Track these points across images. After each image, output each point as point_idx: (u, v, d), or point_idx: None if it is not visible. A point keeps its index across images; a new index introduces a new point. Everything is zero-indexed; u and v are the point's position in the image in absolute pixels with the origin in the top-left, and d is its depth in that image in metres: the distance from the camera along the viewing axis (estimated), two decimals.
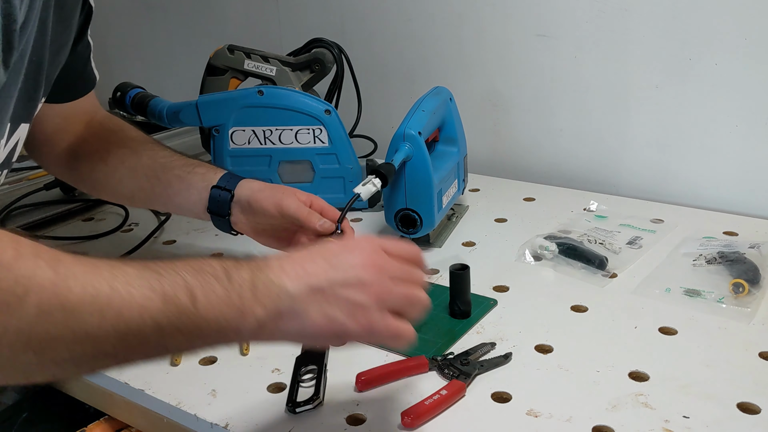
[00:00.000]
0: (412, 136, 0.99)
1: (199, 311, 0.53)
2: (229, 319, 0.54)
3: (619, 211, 1.16)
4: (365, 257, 0.61)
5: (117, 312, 0.49)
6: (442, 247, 1.08)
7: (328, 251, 0.61)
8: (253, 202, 0.88)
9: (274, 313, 0.56)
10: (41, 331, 0.47)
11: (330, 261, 0.59)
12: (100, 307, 0.49)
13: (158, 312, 0.51)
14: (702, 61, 1.14)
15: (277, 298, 0.56)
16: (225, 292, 0.54)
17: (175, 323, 0.52)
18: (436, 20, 1.40)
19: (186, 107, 1.17)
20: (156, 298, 0.51)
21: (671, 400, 0.71)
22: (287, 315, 0.57)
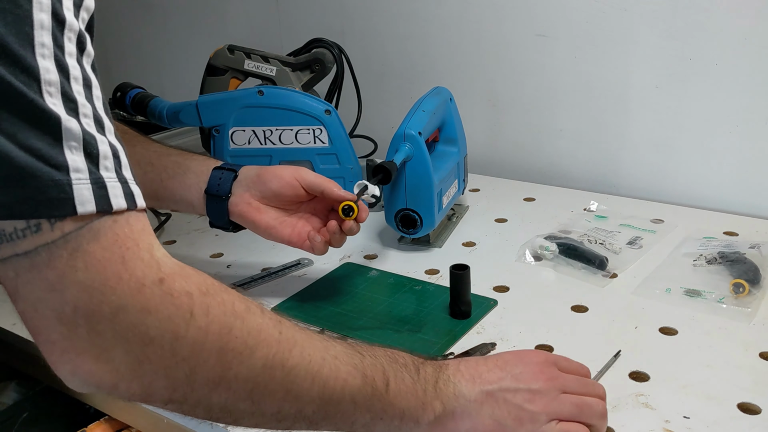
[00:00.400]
0: (412, 136, 0.99)
1: (389, 397, 0.57)
2: (412, 408, 0.59)
3: (620, 211, 1.16)
4: (537, 369, 0.64)
5: (324, 381, 0.54)
6: (442, 247, 1.08)
7: (502, 359, 0.65)
8: (265, 173, 0.87)
9: (450, 411, 0.60)
10: (262, 384, 0.52)
11: (504, 368, 0.63)
12: (312, 374, 0.53)
13: (357, 389, 0.56)
14: (702, 61, 1.14)
15: (454, 397, 0.61)
16: (413, 384, 0.59)
17: (367, 403, 0.56)
18: (436, 20, 1.40)
19: (186, 107, 1.17)
20: (358, 376, 0.56)
21: (672, 401, 0.71)
22: (460, 415, 0.61)
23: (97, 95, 0.48)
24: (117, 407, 0.81)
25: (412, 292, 0.95)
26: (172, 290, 0.48)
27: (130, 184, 0.48)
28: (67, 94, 0.46)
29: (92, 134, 0.46)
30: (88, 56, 0.49)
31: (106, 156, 0.47)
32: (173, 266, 0.49)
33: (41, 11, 0.46)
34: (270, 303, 0.92)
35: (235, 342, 0.50)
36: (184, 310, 0.48)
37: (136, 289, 0.47)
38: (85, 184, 0.45)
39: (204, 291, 0.50)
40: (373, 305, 0.92)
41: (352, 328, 0.87)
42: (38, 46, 0.45)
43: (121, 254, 0.46)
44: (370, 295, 0.95)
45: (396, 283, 0.97)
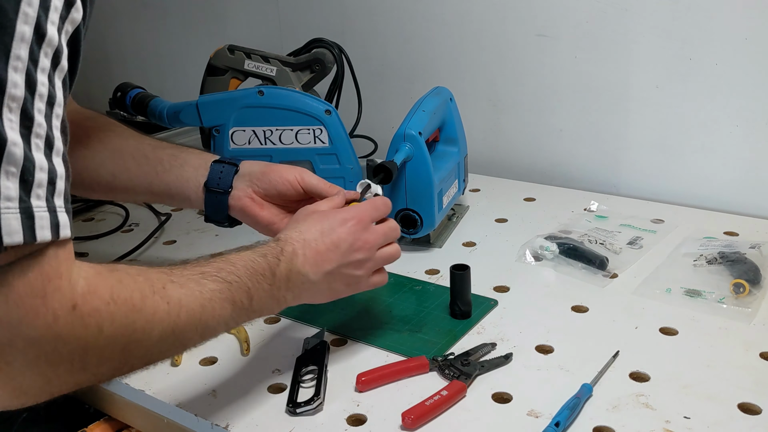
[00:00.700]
0: (412, 136, 0.99)
1: (253, 307, 0.67)
2: (270, 308, 0.71)
3: (620, 211, 1.16)
4: (360, 240, 0.76)
5: (205, 324, 0.62)
6: (442, 248, 1.08)
7: (336, 236, 0.75)
8: (271, 172, 0.87)
9: (297, 296, 0.73)
10: (157, 352, 0.60)
11: (338, 247, 0.74)
12: (195, 324, 0.61)
13: (228, 315, 0.65)
14: (702, 61, 1.14)
15: (302, 285, 0.72)
16: (270, 288, 0.69)
17: (236, 318, 0.66)
18: (436, 20, 1.40)
19: (186, 107, 1.17)
20: (228, 306, 0.64)
21: (672, 401, 0.71)
22: (306, 295, 0.74)
23: (57, 113, 0.50)
24: (117, 407, 0.81)
25: (413, 292, 0.95)
26: (83, 314, 0.51)
27: (59, 212, 0.49)
28: (26, 112, 0.47)
29: (34, 159, 0.47)
30: (60, 71, 0.50)
31: (40, 184, 0.48)
32: (85, 284, 0.52)
33: (25, 23, 0.46)
34: None
35: (136, 334, 0.55)
36: (92, 328, 0.52)
37: (52, 321, 0.49)
38: (14, 213, 0.46)
39: (109, 298, 0.53)
40: (373, 305, 0.92)
41: (352, 328, 0.87)
42: (13, 58, 0.46)
43: (43, 288, 0.49)
44: (370, 295, 0.95)
45: (396, 283, 0.97)
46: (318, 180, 0.87)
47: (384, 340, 0.84)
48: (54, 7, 0.49)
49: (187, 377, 0.79)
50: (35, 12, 0.47)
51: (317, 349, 0.81)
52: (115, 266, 0.57)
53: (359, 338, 0.85)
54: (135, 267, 0.59)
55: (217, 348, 0.85)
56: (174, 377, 0.80)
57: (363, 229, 0.77)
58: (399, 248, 0.81)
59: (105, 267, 0.55)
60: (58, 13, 0.49)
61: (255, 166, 0.89)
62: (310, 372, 0.78)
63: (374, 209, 0.80)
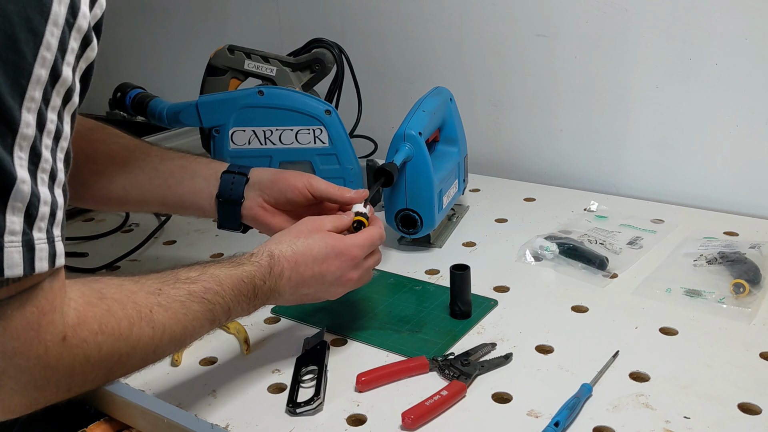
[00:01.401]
0: (412, 136, 0.99)
1: (227, 321, 0.71)
2: (239, 317, 0.73)
3: (620, 211, 1.16)
4: (347, 274, 0.78)
5: (185, 342, 0.66)
6: (442, 248, 1.08)
7: (326, 266, 0.77)
8: (280, 180, 0.88)
9: (267, 305, 0.75)
10: (137, 368, 0.63)
11: (324, 278, 0.77)
12: (176, 344, 0.65)
13: (206, 332, 0.68)
14: (702, 61, 1.14)
15: (276, 299, 0.75)
16: (248, 306, 0.72)
17: (209, 332, 0.69)
18: (436, 20, 1.40)
19: (186, 108, 1.17)
20: (207, 325, 0.68)
21: (672, 401, 0.71)
22: (274, 304, 0.79)
23: (62, 146, 0.52)
24: (117, 408, 0.81)
25: (413, 292, 0.95)
26: (72, 345, 0.54)
27: (56, 242, 0.52)
28: (35, 149, 0.49)
29: (39, 193, 0.50)
30: (71, 107, 0.53)
31: (43, 217, 0.50)
32: (75, 315, 0.54)
33: (42, 67, 0.48)
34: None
35: (120, 359, 0.59)
36: (80, 358, 0.55)
37: (43, 352, 0.52)
38: (16, 246, 0.49)
39: (97, 329, 0.56)
40: (374, 305, 0.92)
41: (352, 327, 0.87)
42: (27, 100, 0.48)
43: (38, 322, 0.52)
44: (370, 295, 0.95)
45: (396, 283, 0.97)
46: (326, 185, 0.87)
47: (384, 340, 0.84)
48: (71, 49, 0.51)
49: (187, 377, 0.79)
50: (53, 56, 0.49)
51: (317, 349, 0.81)
52: (104, 293, 0.58)
53: (359, 338, 0.85)
54: (126, 287, 0.61)
55: (217, 348, 0.85)
56: (174, 377, 0.80)
57: (353, 267, 0.79)
58: (371, 276, 0.84)
59: (94, 294, 0.58)
60: (74, 54, 0.51)
61: (264, 174, 0.90)
62: (310, 372, 0.78)
63: (371, 246, 0.81)
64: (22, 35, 0.47)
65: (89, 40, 0.53)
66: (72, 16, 0.50)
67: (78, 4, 0.50)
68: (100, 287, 0.59)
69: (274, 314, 0.91)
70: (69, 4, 0.50)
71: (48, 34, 0.48)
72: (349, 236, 0.79)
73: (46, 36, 0.48)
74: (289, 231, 0.78)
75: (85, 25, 0.51)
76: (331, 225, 0.80)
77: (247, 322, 0.88)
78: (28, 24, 0.47)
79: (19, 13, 0.47)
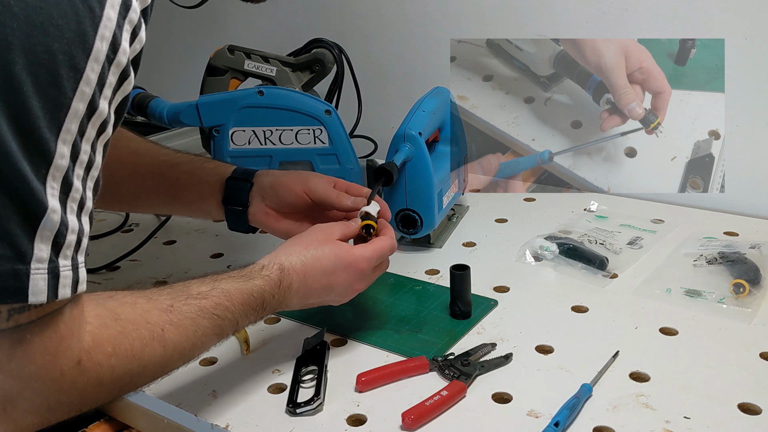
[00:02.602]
0: (412, 136, 0.99)
1: (234, 333, 0.72)
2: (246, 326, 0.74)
3: (620, 211, 1.16)
4: (354, 286, 0.79)
5: (192, 356, 0.67)
6: (442, 248, 1.08)
7: (334, 278, 0.77)
8: (279, 186, 0.88)
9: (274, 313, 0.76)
10: (145, 384, 0.64)
11: (332, 289, 0.78)
12: (186, 359, 0.66)
13: (213, 344, 0.69)
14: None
15: (282, 309, 0.76)
16: (255, 318, 0.72)
17: (217, 344, 0.70)
18: (436, 20, 1.39)
19: (186, 108, 1.17)
20: (215, 339, 0.68)
21: (672, 401, 0.71)
22: (280, 311, 0.78)
23: (92, 175, 0.54)
24: (117, 408, 0.81)
25: (413, 292, 0.95)
26: (86, 369, 0.55)
27: (80, 268, 0.53)
28: (67, 179, 0.51)
29: (68, 222, 0.51)
30: (105, 137, 0.54)
31: (70, 245, 0.52)
32: (90, 339, 0.55)
33: (80, 101, 0.50)
34: None
35: (132, 379, 0.60)
36: (93, 381, 0.56)
37: (59, 376, 0.53)
38: (42, 274, 0.50)
39: (111, 351, 0.57)
40: (374, 305, 0.92)
41: (352, 328, 0.87)
42: (64, 132, 0.49)
43: (56, 348, 0.53)
44: (370, 295, 0.94)
45: (396, 284, 0.97)
46: (324, 190, 0.87)
47: (384, 340, 0.84)
48: (109, 83, 0.52)
49: (187, 377, 0.79)
50: (91, 90, 0.50)
51: (317, 349, 0.81)
52: (118, 313, 0.59)
53: (359, 338, 0.85)
54: (139, 306, 0.62)
55: (217, 348, 0.84)
56: (174, 377, 0.79)
57: (360, 279, 0.79)
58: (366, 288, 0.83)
59: (109, 315, 0.58)
60: (111, 88, 0.52)
61: (266, 179, 0.90)
62: (310, 372, 0.78)
63: (380, 257, 0.80)
64: (64, 72, 0.48)
65: (127, 74, 0.54)
66: (113, 52, 0.51)
67: (119, 40, 0.52)
68: (114, 306, 0.60)
69: (274, 314, 0.91)
70: (111, 41, 0.51)
71: (89, 70, 0.50)
72: (359, 247, 0.79)
73: (86, 72, 0.50)
74: (299, 240, 0.78)
75: (125, 61, 0.53)
76: (341, 233, 0.80)
77: None
78: (71, 61, 0.49)
79: (63, 51, 0.48)
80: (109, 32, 0.50)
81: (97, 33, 0.50)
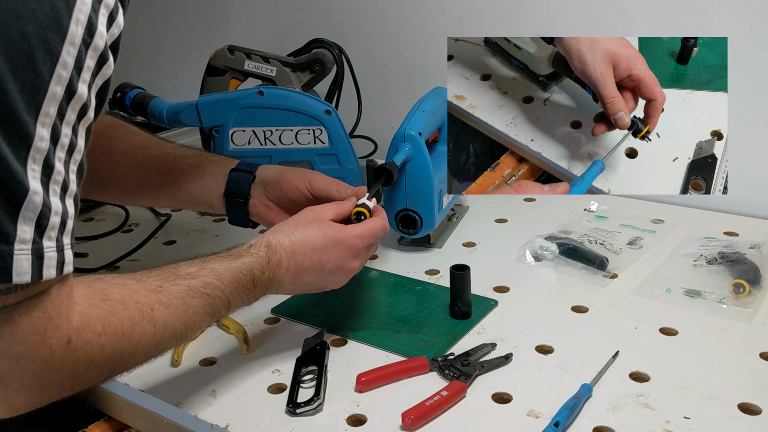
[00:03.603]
0: (412, 136, 0.99)
1: (228, 313, 0.72)
2: (240, 307, 0.74)
3: (620, 211, 1.16)
4: (347, 264, 0.79)
5: (185, 336, 0.67)
6: (442, 248, 1.08)
7: (326, 256, 0.77)
8: (282, 180, 0.89)
9: (267, 293, 0.76)
10: (138, 364, 0.64)
11: (324, 267, 0.77)
12: (177, 339, 0.66)
13: (206, 324, 0.70)
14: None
15: (276, 289, 0.76)
16: (248, 297, 0.73)
17: (210, 324, 0.72)
18: (436, 20, 1.39)
19: (186, 108, 1.17)
20: (208, 319, 0.69)
21: (672, 401, 0.71)
22: (275, 292, 0.77)
23: (75, 159, 0.54)
24: (117, 408, 0.81)
25: (413, 292, 0.95)
26: (76, 347, 0.56)
27: (65, 250, 0.54)
28: (48, 161, 0.51)
29: (51, 204, 0.52)
30: (86, 121, 0.55)
31: (54, 226, 0.52)
32: (79, 318, 0.56)
33: (58, 84, 0.51)
34: (269, 303, 0.92)
35: (123, 358, 0.60)
36: (83, 359, 0.57)
37: (48, 355, 0.54)
38: (26, 254, 0.51)
39: (101, 330, 0.58)
40: (374, 305, 0.92)
41: (352, 328, 0.87)
42: (42, 115, 0.50)
43: (44, 327, 0.53)
44: (370, 295, 0.95)
45: (396, 284, 0.97)
46: (326, 184, 0.87)
47: (384, 340, 0.84)
48: (87, 67, 0.53)
49: (187, 377, 0.79)
50: (69, 73, 0.51)
51: (317, 349, 0.81)
52: (107, 294, 0.60)
53: (359, 338, 0.85)
54: (128, 287, 0.62)
55: (217, 348, 0.85)
56: (174, 377, 0.80)
57: (353, 256, 0.79)
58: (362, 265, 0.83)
59: (98, 295, 0.59)
60: (90, 72, 0.53)
61: (270, 172, 0.91)
62: (310, 372, 0.78)
63: (372, 236, 0.81)
64: (40, 55, 0.49)
65: (105, 58, 0.55)
66: (89, 36, 0.52)
67: (95, 24, 0.52)
68: (103, 287, 0.60)
69: (274, 314, 0.91)
70: (86, 25, 0.52)
71: (65, 54, 0.51)
72: (350, 226, 0.79)
73: (62, 55, 0.51)
74: (288, 221, 0.79)
75: (102, 44, 0.54)
76: (333, 213, 0.80)
77: (247, 322, 0.88)
78: (46, 44, 0.50)
79: (38, 34, 0.49)
80: (84, 16, 0.51)
81: (72, 16, 0.51)
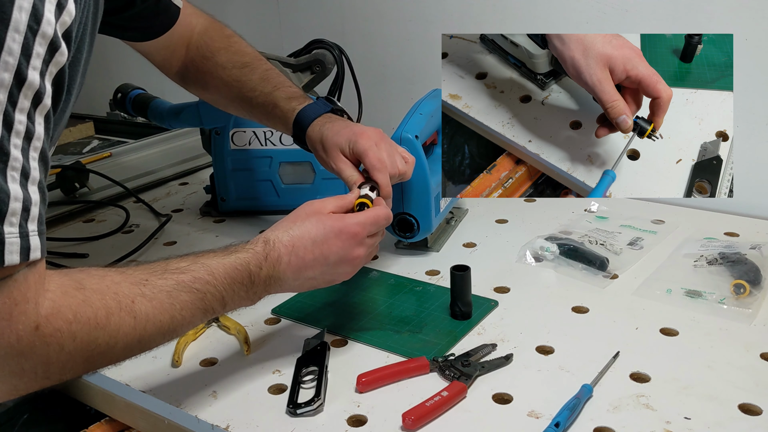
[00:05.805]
0: (409, 139, 0.98)
1: (225, 310, 0.71)
2: (241, 306, 0.73)
3: (620, 211, 1.16)
4: (351, 253, 0.77)
5: (173, 331, 0.66)
6: (440, 251, 1.07)
7: (327, 248, 0.75)
8: (334, 135, 0.88)
9: (270, 292, 0.75)
10: (122, 358, 0.63)
11: (328, 258, 0.76)
12: (164, 334, 0.65)
13: (199, 320, 0.69)
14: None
15: (279, 286, 0.75)
16: (246, 294, 0.71)
17: (205, 320, 0.71)
18: (436, 21, 1.40)
19: (187, 108, 1.17)
20: (200, 314, 0.68)
21: (672, 401, 0.71)
22: (279, 291, 0.76)
23: (35, 146, 0.55)
24: (118, 408, 0.81)
25: (413, 293, 0.95)
26: (45, 334, 0.56)
27: (31, 236, 0.54)
28: (3, 148, 0.52)
29: (9, 190, 0.52)
30: (43, 108, 0.55)
31: (14, 212, 0.52)
32: (50, 305, 0.56)
33: (5, 71, 0.51)
34: (269, 303, 0.92)
35: (99, 348, 0.59)
36: (54, 346, 0.56)
37: (15, 341, 0.54)
38: None
39: (72, 318, 0.57)
40: (374, 306, 0.92)
41: (353, 328, 0.87)
42: None
43: (10, 312, 0.54)
44: (370, 295, 0.95)
45: (396, 284, 0.97)
46: (366, 150, 0.84)
47: (384, 340, 0.84)
48: (36, 54, 0.53)
49: (187, 378, 0.79)
50: (16, 60, 0.52)
51: (317, 349, 0.81)
52: (84, 283, 0.60)
53: (359, 339, 0.85)
54: (109, 278, 0.62)
55: (217, 349, 0.85)
56: (174, 378, 0.80)
57: (356, 244, 0.77)
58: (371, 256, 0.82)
59: (73, 284, 0.59)
60: (41, 59, 0.53)
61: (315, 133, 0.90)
62: (310, 373, 0.78)
63: (375, 224, 0.79)
64: None
65: (57, 45, 0.55)
66: (35, 23, 0.53)
67: (41, 11, 0.53)
68: (81, 278, 0.60)
69: (274, 315, 0.91)
70: (31, 12, 0.52)
71: (9, 40, 0.51)
72: (349, 215, 0.79)
73: (6, 42, 0.51)
74: (286, 218, 0.78)
75: (51, 32, 0.54)
76: (333, 205, 0.79)
77: (248, 323, 0.88)
78: None
79: None
80: (27, 3, 0.52)
81: (15, 4, 0.51)
